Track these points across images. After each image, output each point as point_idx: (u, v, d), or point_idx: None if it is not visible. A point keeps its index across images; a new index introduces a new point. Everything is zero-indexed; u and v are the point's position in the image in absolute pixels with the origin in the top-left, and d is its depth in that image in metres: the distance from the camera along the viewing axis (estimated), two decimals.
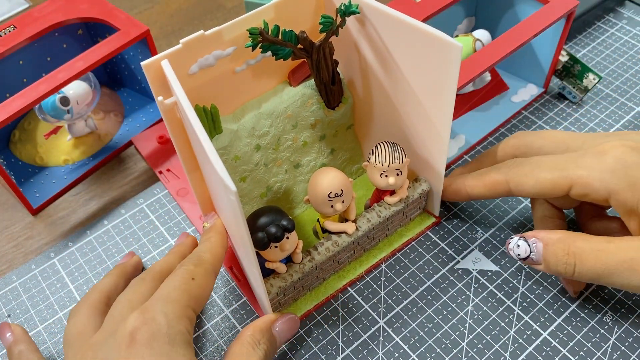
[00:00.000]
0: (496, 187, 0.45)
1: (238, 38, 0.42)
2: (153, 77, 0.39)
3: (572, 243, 0.40)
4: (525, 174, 0.43)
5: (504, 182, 0.44)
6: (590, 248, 0.39)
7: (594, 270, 0.39)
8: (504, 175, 0.44)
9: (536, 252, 0.41)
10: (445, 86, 0.40)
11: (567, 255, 0.40)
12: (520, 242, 0.42)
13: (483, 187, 0.46)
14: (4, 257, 0.53)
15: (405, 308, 0.46)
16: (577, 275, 0.40)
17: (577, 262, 0.39)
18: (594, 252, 0.39)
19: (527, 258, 0.42)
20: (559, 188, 0.41)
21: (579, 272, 0.40)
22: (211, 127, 0.44)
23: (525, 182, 0.43)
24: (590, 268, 0.39)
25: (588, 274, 0.39)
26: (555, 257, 0.40)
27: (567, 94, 0.60)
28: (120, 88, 0.66)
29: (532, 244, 0.41)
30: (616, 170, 0.39)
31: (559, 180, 0.41)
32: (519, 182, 0.43)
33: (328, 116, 0.49)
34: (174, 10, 0.76)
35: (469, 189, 0.46)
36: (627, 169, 0.39)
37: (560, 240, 0.40)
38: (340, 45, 0.47)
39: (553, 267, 0.41)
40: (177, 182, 0.56)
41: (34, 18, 0.56)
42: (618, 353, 0.43)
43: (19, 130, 0.61)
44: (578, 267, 0.39)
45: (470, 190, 0.46)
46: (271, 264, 0.42)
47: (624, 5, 0.70)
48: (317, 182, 0.43)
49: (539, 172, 0.42)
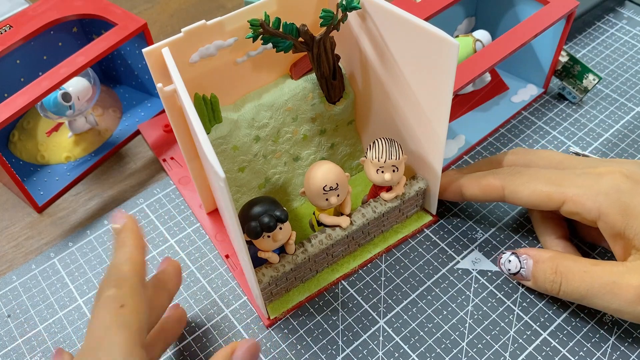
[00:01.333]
0: (491, 191, 0.46)
1: (239, 29, 0.43)
2: (154, 65, 0.40)
3: (561, 262, 0.42)
4: (521, 183, 0.44)
5: (500, 188, 0.45)
6: (577, 269, 0.41)
7: (578, 290, 0.41)
8: (500, 181, 0.45)
9: (526, 268, 0.44)
10: (442, 84, 0.40)
11: (554, 273, 0.42)
12: (511, 257, 0.45)
13: (478, 189, 0.46)
14: (4, 257, 0.53)
15: (405, 308, 0.46)
16: (562, 293, 0.42)
17: (563, 281, 0.41)
18: (580, 273, 0.41)
19: (517, 273, 0.44)
20: (553, 202, 0.43)
21: (564, 290, 0.41)
22: (210, 116, 0.44)
23: (521, 192, 0.44)
24: (575, 288, 0.41)
25: (572, 294, 0.41)
26: (544, 275, 0.42)
27: (567, 95, 0.60)
28: (117, 85, 0.66)
29: (523, 260, 0.44)
30: (610, 193, 0.40)
31: (554, 194, 0.42)
32: (514, 191, 0.44)
33: (329, 111, 0.50)
34: (174, 10, 0.76)
35: (464, 189, 0.47)
36: (620, 194, 0.40)
37: (550, 259, 0.42)
38: (341, 40, 0.47)
39: (540, 284, 0.43)
40: (179, 170, 0.57)
41: (30, 17, 0.56)
42: (618, 353, 0.43)
43: (18, 130, 0.61)
44: (563, 285, 0.41)
45: (465, 190, 0.47)
46: (263, 253, 0.42)
47: (624, 5, 0.70)
48: (313, 174, 0.44)
49: (536, 184, 0.43)
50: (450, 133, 0.57)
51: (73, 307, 0.48)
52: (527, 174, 0.45)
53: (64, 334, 0.47)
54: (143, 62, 0.61)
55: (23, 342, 0.47)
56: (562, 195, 0.42)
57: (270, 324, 0.46)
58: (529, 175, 0.44)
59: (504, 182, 0.45)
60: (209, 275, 0.49)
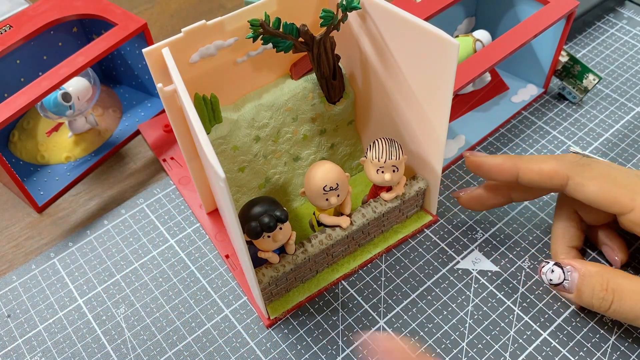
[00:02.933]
0: (553, 179, 0.42)
1: (239, 29, 0.43)
2: (154, 65, 0.40)
3: (612, 279, 0.39)
4: (589, 178, 0.41)
5: (564, 177, 0.42)
6: (632, 288, 0.38)
7: (633, 311, 0.38)
8: (566, 170, 0.42)
9: (570, 280, 0.41)
10: (442, 84, 0.40)
11: (605, 290, 0.39)
12: (554, 267, 0.42)
13: (538, 174, 0.43)
14: (4, 257, 0.53)
15: (405, 308, 0.46)
16: (612, 312, 0.39)
17: (615, 299, 0.39)
18: (637, 293, 0.38)
19: (559, 285, 0.41)
20: (618, 207, 0.40)
21: (615, 309, 0.39)
22: (210, 116, 0.44)
23: (587, 185, 0.41)
24: (630, 308, 0.38)
25: (625, 313, 0.39)
26: (592, 290, 0.40)
27: (567, 95, 0.60)
28: (117, 85, 0.66)
29: (567, 272, 0.41)
30: None
31: (623, 199, 0.40)
32: (580, 183, 0.41)
33: (329, 111, 0.50)
34: (174, 10, 0.76)
35: (522, 172, 0.43)
36: None
37: (599, 273, 0.40)
38: (342, 40, 0.47)
39: (586, 300, 0.40)
40: (179, 170, 0.57)
41: (30, 17, 0.57)
42: (618, 353, 0.43)
43: (18, 130, 0.61)
44: (615, 304, 0.39)
45: (523, 173, 0.43)
46: (263, 253, 0.42)
47: (624, 5, 0.70)
48: (313, 174, 0.44)
49: (604, 183, 0.40)
50: (450, 133, 0.57)
51: (73, 307, 0.48)
52: (595, 167, 0.41)
53: (64, 334, 0.47)
54: (143, 62, 0.61)
55: (23, 342, 0.47)
56: (632, 202, 0.39)
57: (270, 324, 0.46)
58: (598, 169, 0.41)
59: (570, 172, 0.41)
60: (209, 275, 0.49)
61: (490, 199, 0.48)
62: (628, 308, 0.38)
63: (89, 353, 0.45)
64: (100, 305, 0.48)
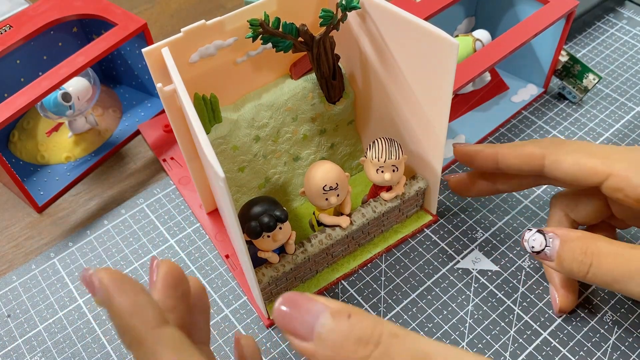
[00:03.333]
0: (530, 161, 0.43)
1: (239, 29, 0.43)
2: (153, 65, 0.40)
3: (592, 243, 0.39)
4: (565, 153, 0.41)
5: (540, 157, 0.42)
6: (611, 250, 0.38)
7: (611, 273, 0.37)
8: (541, 150, 0.42)
9: (551, 247, 0.40)
10: (442, 83, 0.40)
11: (584, 254, 0.38)
12: (536, 235, 0.41)
13: (516, 157, 0.44)
14: (4, 257, 0.53)
15: (405, 308, 0.46)
16: (591, 276, 0.38)
17: (594, 262, 0.38)
18: (615, 256, 0.38)
19: (541, 252, 0.40)
20: (596, 176, 0.40)
21: (594, 273, 0.38)
22: (210, 116, 0.44)
23: (563, 161, 0.41)
24: (607, 271, 0.38)
25: (603, 277, 0.38)
26: (572, 254, 0.39)
27: (567, 94, 0.60)
28: (117, 85, 0.66)
29: (549, 239, 0.40)
30: None
31: (599, 167, 0.40)
32: (556, 160, 0.41)
33: (329, 110, 0.50)
34: (174, 10, 0.76)
35: (501, 157, 0.44)
36: None
37: (579, 238, 0.39)
38: (341, 40, 0.47)
39: (567, 265, 0.39)
40: (179, 170, 0.57)
41: (30, 17, 0.57)
42: (618, 353, 0.43)
43: (18, 130, 0.61)
44: (594, 267, 0.38)
45: (502, 157, 0.44)
46: (263, 253, 0.42)
47: (624, 5, 0.70)
48: (312, 174, 0.44)
49: (580, 155, 0.41)
50: (450, 133, 0.57)
51: (73, 307, 0.48)
52: (571, 144, 0.42)
53: (64, 334, 0.47)
54: (143, 62, 0.61)
55: (23, 342, 0.47)
56: (607, 168, 0.39)
57: (270, 324, 0.46)
58: (573, 146, 0.42)
59: (545, 151, 0.42)
60: (209, 275, 0.49)
61: (474, 185, 0.48)
62: (605, 271, 0.38)
63: (89, 353, 0.45)
64: None
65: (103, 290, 0.27)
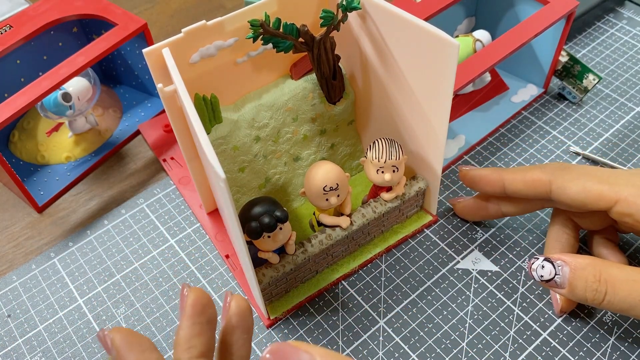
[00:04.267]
0: (537, 186, 0.43)
1: (239, 29, 0.43)
2: (154, 65, 0.40)
3: (605, 270, 0.39)
4: (571, 179, 0.41)
5: (547, 183, 0.42)
6: (625, 277, 0.38)
7: (627, 300, 0.37)
8: (548, 176, 0.42)
9: (561, 275, 0.40)
10: (442, 84, 0.40)
11: (597, 282, 0.38)
12: (544, 263, 0.41)
13: (522, 183, 0.44)
14: (4, 257, 0.53)
15: (405, 308, 0.46)
16: (606, 303, 0.38)
17: (608, 290, 0.38)
18: (630, 282, 0.38)
19: (550, 280, 0.40)
20: (603, 202, 0.40)
21: (610, 300, 0.38)
22: (211, 117, 0.44)
23: (570, 188, 0.41)
24: (623, 298, 0.38)
25: (620, 303, 0.38)
26: (585, 283, 0.39)
27: (567, 95, 0.60)
28: (117, 85, 0.66)
29: (558, 267, 0.40)
30: None
31: (606, 193, 0.40)
32: (562, 186, 0.41)
33: (329, 111, 0.50)
34: (174, 10, 0.76)
35: (507, 182, 0.44)
36: None
37: (590, 265, 0.39)
38: (342, 40, 0.47)
39: (580, 293, 0.39)
40: (179, 170, 0.57)
41: (30, 17, 0.57)
42: (618, 353, 0.43)
43: (18, 130, 0.61)
44: (609, 295, 0.38)
45: (509, 184, 0.44)
46: (264, 253, 0.43)
47: (624, 5, 0.70)
48: (313, 175, 0.44)
49: (586, 181, 0.41)
50: (450, 133, 0.57)
51: (73, 307, 0.48)
52: (577, 170, 0.42)
53: (64, 334, 0.47)
54: (143, 62, 0.61)
55: (23, 342, 0.47)
56: (615, 194, 0.39)
57: (270, 324, 0.46)
58: (579, 171, 0.41)
59: (552, 177, 0.42)
60: (209, 275, 0.49)
61: (480, 210, 0.49)
62: (622, 298, 0.38)
63: (89, 353, 0.45)
64: (100, 305, 0.48)
65: (115, 350, 0.31)
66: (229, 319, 0.33)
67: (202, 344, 0.31)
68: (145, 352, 0.30)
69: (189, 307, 0.32)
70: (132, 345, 0.31)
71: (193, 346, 0.31)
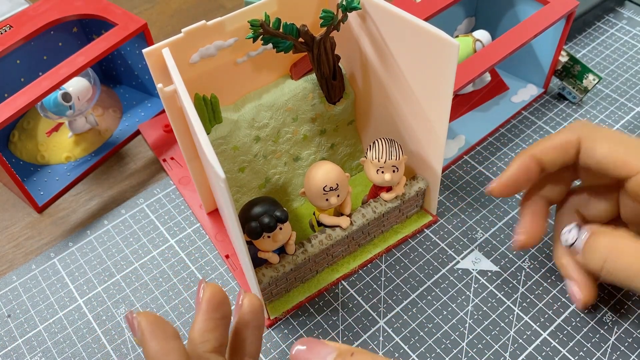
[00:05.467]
0: (567, 148, 0.41)
1: (239, 29, 0.43)
2: (154, 65, 0.40)
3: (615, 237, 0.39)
4: (602, 137, 0.40)
5: (575, 142, 0.41)
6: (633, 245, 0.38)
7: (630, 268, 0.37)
8: (576, 134, 0.41)
9: (579, 240, 0.40)
10: (442, 84, 0.40)
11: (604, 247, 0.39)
12: (574, 228, 0.41)
13: (553, 150, 0.42)
14: (4, 257, 0.53)
15: (405, 308, 0.46)
16: (606, 271, 0.38)
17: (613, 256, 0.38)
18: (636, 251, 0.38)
19: (572, 245, 0.41)
20: (624, 170, 0.39)
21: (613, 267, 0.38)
22: (211, 117, 0.44)
23: (599, 147, 0.40)
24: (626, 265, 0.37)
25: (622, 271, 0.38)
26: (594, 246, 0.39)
27: (567, 95, 0.60)
28: (117, 85, 0.66)
29: (582, 233, 0.40)
30: None
31: (630, 159, 0.39)
32: (592, 146, 0.40)
33: (329, 111, 0.50)
34: (174, 10, 0.76)
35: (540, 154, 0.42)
36: None
37: (605, 232, 0.39)
38: (342, 40, 0.47)
39: (588, 257, 0.39)
40: (179, 170, 0.57)
41: (30, 17, 0.57)
42: (618, 353, 0.43)
43: (18, 130, 0.61)
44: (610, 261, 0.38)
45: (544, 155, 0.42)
46: (264, 253, 0.43)
47: (624, 5, 0.70)
48: (313, 175, 0.44)
49: (613, 143, 0.40)
50: (450, 133, 0.57)
51: (73, 307, 0.48)
52: (606, 130, 0.40)
53: (64, 334, 0.47)
54: (143, 62, 0.61)
55: (23, 342, 0.47)
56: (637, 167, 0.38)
57: (270, 324, 0.46)
58: (608, 132, 0.40)
59: (581, 134, 0.40)
60: (209, 275, 0.49)
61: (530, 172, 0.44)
62: (625, 265, 0.38)
63: (89, 353, 0.45)
64: (100, 305, 0.48)
65: (140, 333, 0.31)
66: (242, 315, 0.34)
67: (216, 338, 0.32)
68: (168, 339, 0.31)
69: (205, 302, 0.33)
70: (156, 332, 0.31)
71: (207, 340, 0.32)
